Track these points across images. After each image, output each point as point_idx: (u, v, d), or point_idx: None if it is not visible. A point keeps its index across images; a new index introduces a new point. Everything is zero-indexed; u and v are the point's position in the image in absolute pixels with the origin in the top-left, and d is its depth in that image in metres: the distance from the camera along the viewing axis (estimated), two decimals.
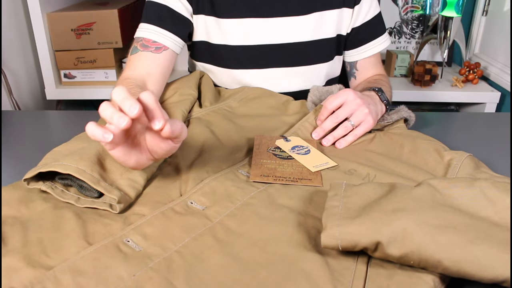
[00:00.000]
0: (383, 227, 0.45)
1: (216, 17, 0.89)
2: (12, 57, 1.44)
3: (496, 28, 1.59)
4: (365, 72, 0.98)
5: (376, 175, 0.64)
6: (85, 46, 1.48)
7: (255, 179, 0.62)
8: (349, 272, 0.47)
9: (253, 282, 0.45)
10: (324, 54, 0.94)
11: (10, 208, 0.56)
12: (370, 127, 0.75)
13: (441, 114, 1.01)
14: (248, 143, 0.73)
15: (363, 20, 0.93)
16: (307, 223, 0.53)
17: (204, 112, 0.82)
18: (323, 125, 0.75)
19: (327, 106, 0.75)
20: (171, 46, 0.85)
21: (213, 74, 0.95)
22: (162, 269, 0.46)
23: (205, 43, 0.92)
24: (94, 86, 1.54)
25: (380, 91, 0.81)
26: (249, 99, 0.87)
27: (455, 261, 0.43)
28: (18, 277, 0.45)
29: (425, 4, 1.69)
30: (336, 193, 0.52)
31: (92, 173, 0.56)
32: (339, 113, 0.74)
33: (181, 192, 0.60)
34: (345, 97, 0.75)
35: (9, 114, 0.94)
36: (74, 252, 0.48)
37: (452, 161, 0.66)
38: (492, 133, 0.87)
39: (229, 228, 0.53)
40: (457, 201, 0.49)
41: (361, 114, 0.74)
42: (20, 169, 0.62)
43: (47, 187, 0.58)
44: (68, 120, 0.95)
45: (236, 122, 0.79)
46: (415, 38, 1.73)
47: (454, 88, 1.54)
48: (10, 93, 1.40)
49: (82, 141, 0.62)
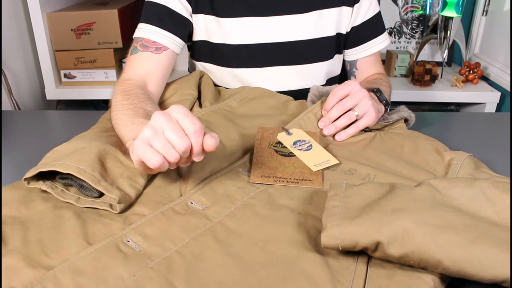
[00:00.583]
0: (383, 227, 0.45)
1: (216, 16, 0.89)
2: (12, 57, 1.44)
3: (496, 28, 1.59)
4: (365, 71, 0.99)
5: (376, 175, 0.64)
6: (85, 46, 1.48)
7: (255, 181, 0.62)
8: (349, 272, 0.47)
9: (253, 282, 0.45)
10: (324, 52, 0.94)
11: (10, 208, 0.56)
12: (372, 120, 0.75)
13: (441, 114, 1.01)
14: (248, 142, 0.73)
15: (363, 19, 0.93)
16: (307, 223, 0.53)
17: (204, 112, 0.82)
18: (329, 114, 0.75)
19: (335, 94, 0.75)
20: (171, 46, 0.85)
21: (213, 74, 0.95)
22: (162, 269, 0.46)
23: (206, 43, 0.92)
24: (94, 86, 1.54)
25: (379, 91, 0.81)
26: (249, 99, 0.87)
27: (455, 261, 0.43)
28: (18, 277, 0.45)
29: (425, 4, 1.69)
30: (336, 193, 0.52)
31: (93, 172, 0.56)
32: (345, 101, 0.75)
33: (181, 192, 0.60)
34: (351, 87, 0.75)
35: (9, 114, 0.94)
36: (74, 252, 0.48)
37: (453, 161, 0.66)
38: (492, 133, 0.87)
39: (229, 228, 0.53)
40: (457, 201, 0.49)
41: (366, 105, 0.74)
42: (20, 169, 0.62)
43: (47, 187, 0.58)
44: (68, 120, 0.95)
45: (236, 122, 0.79)
46: (415, 38, 1.73)
47: (454, 88, 1.54)
48: (10, 93, 1.40)
49: (83, 141, 0.62)
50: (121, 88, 0.76)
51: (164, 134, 0.50)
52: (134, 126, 0.63)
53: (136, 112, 0.68)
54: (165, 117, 0.50)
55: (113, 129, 0.69)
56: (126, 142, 0.62)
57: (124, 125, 0.65)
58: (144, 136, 0.51)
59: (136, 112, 0.68)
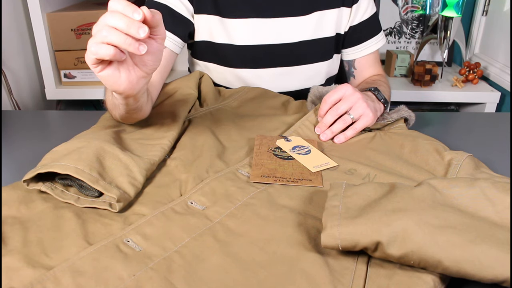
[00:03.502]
0: (383, 227, 0.45)
1: (220, 17, 0.89)
2: (12, 57, 1.44)
3: (496, 28, 1.59)
4: (364, 71, 0.99)
5: (376, 175, 0.64)
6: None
7: (255, 180, 0.62)
8: (349, 272, 0.47)
9: (253, 282, 0.45)
10: (324, 53, 0.95)
11: (10, 208, 0.56)
12: (370, 121, 0.75)
13: (441, 114, 1.01)
14: (248, 143, 0.73)
15: (360, 18, 0.94)
16: (307, 223, 0.53)
17: (204, 112, 0.82)
18: (324, 120, 0.75)
19: (326, 100, 0.75)
20: (170, 46, 0.85)
21: (216, 73, 0.95)
22: (162, 269, 0.46)
23: (208, 43, 0.92)
24: (94, 86, 1.54)
25: (377, 90, 0.82)
26: (249, 99, 0.87)
27: (455, 261, 0.43)
28: (18, 277, 0.45)
29: (425, 4, 1.69)
30: (336, 193, 0.52)
31: (91, 172, 0.56)
32: (339, 106, 0.75)
33: (181, 192, 0.60)
34: (343, 91, 0.75)
35: (9, 114, 0.94)
36: (74, 252, 0.48)
37: (453, 161, 0.66)
38: (492, 133, 0.87)
39: (229, 228, 0.52)
40: (457, 201, 0.49)
41: (361, 107, 0.74)
42: (20, 169, 0.62)
43: (47, 188, 0.57)
44: (68, 120, 0.95)
45: (236, 122, 0.79)
46: (415, 38, 1.73)
47: (454, 88, 1.54)
48: (10, 93, 1.40)
49: (81, 140, 0.62)
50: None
51: (107, 24, 0.50)
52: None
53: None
54: (106, 14, 0.50)
55: (113, 127, 0.69)
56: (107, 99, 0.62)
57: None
58: (92, 37, 0.51)
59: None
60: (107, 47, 0.50)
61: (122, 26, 0.49)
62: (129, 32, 0.49)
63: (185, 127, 0.77)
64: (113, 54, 0.50)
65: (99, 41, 0.50)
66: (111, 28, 0.49)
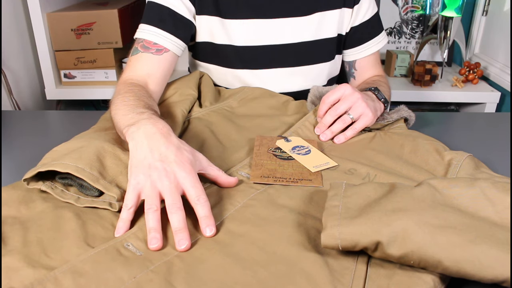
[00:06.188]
0: (383, 227, 0.45)
1: (221, 18, 0.88)
2: (12, 57, 1.44)
3: (496, 28, 1.59)
4: (364, 72, 0.99)
5: (376, 175, 0.64)
6: (85, 46, 1.48)
7: (255, 180, 0.62)
8: (349, 272, 0.47)
9: (253, 282, 0.45)
10: (326, 53, 0.95)
11: (10, 208, 0.56)
12: (369, 121, 0.75)
13: (441, 114, 1.01)
14: (248, 143, 0.73)
15: (362, 19, 0.94)
16: (307, 223, 0.53)
17: (204, 112, 0.82)
18: (323, 120, 0.75)
19: (325, 100, 0.75)
20: (172, 48, 0.84)
21: (217, 75, 0.95)
22: (162, 271, 0.46)
23: (209, 44, 0.92)
24: (94, 86, 1.54)
25: (377, 90, 0.81)
26: (249, 99, 0.87)
27: (455, 261, 0.43)
28: (18, 277, 0.45)
29: (425, 4, 1.69)
30: (336, 193, 0.52)
31: (91, 171, 0.56)
32: (338, 106, 0.75)
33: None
34: (342, 91, 0.75)
35: (9, 114, 0.94)
36: (74, 253, 0.48)
37: (453, 161, 0.66)
38: (492, 133, 0.87)
39: (230, 230, 0.52)
40: (457, 201, 0.49)
41: (360, 107, 0.74)
42: (20, 169, 0.62)
43: (47, 187, 0.57)
44: (68, 120, 0.95)
45: (236, 122, 0.79)
46: (415, 38, 1.73)
47: (454, 88, 1.54)
48: (10, 93, 1.40)
49: (82, 140, 0.62)
50: (122, 86, 0.76)
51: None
52: (134, 115, 0.63)
53: (137, 103, 0.68)
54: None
55: (113, 128, 0.69)
56: (123, 129, 0.61)
57: (124, 114, 0.65)
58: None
59: (137, 103, 0.68)
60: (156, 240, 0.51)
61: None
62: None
63: (185, 127, 0.77)
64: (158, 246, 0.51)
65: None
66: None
